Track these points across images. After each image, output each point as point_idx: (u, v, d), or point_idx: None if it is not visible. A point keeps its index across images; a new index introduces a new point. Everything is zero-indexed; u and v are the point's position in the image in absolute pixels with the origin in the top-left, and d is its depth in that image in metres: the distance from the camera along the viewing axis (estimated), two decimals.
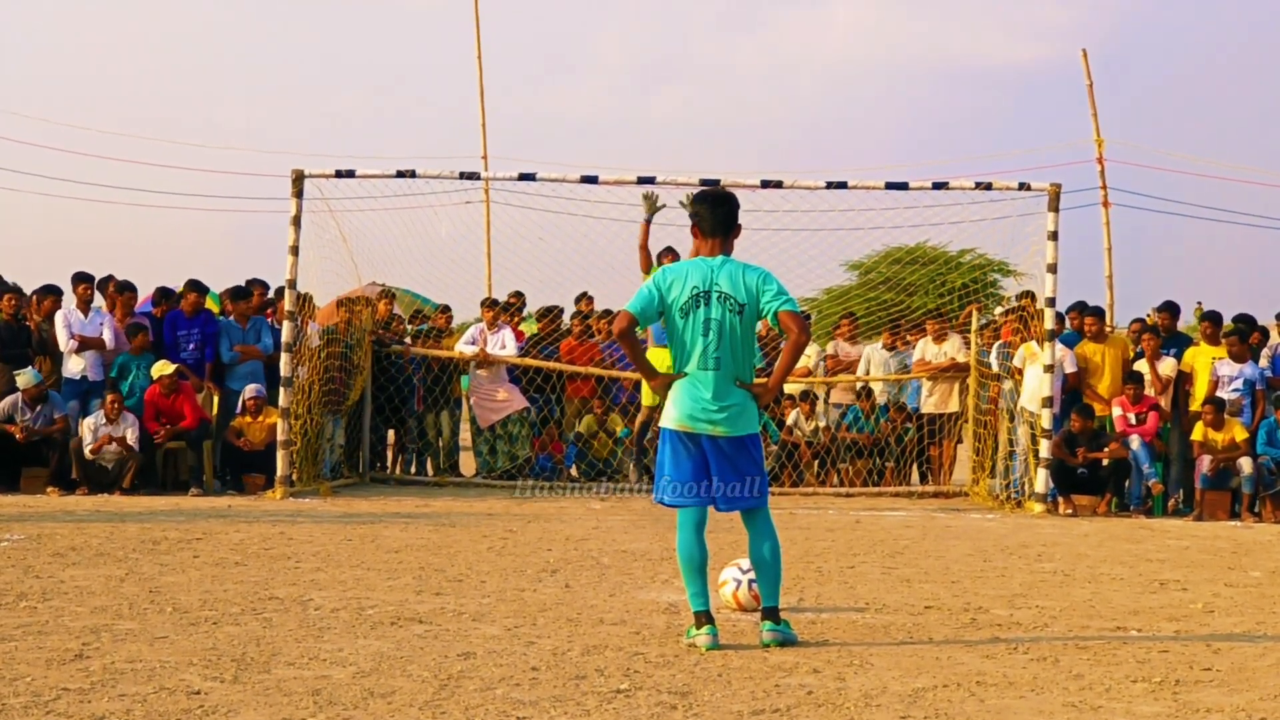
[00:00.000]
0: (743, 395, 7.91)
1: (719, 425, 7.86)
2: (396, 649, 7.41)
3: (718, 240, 8.07)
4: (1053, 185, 17.22)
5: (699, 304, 7.85)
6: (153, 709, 5.92)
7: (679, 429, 7.94)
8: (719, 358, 7.85)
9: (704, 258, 8.05)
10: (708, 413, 7.85)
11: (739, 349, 7.92)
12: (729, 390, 7.87)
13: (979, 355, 18.93)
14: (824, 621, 8.61)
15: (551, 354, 19.95)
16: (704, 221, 8.10)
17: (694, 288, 7.87)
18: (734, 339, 7.87)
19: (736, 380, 7.89)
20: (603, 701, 6.29)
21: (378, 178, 18.12)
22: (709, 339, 7.85)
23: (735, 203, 8.21)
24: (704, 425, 7.86)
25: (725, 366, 7.87)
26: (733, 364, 7.89)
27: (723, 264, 7.97)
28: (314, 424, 17.95)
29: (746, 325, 7.91)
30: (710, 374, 7.85)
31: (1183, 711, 6.33)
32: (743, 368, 7.94)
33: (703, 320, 7.85)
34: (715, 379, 7.85)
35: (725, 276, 7.90)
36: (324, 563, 10.82)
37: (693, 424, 7.89)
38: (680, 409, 7.93)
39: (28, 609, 8.42)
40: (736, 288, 7.87)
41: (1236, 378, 17.28)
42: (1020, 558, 12.18)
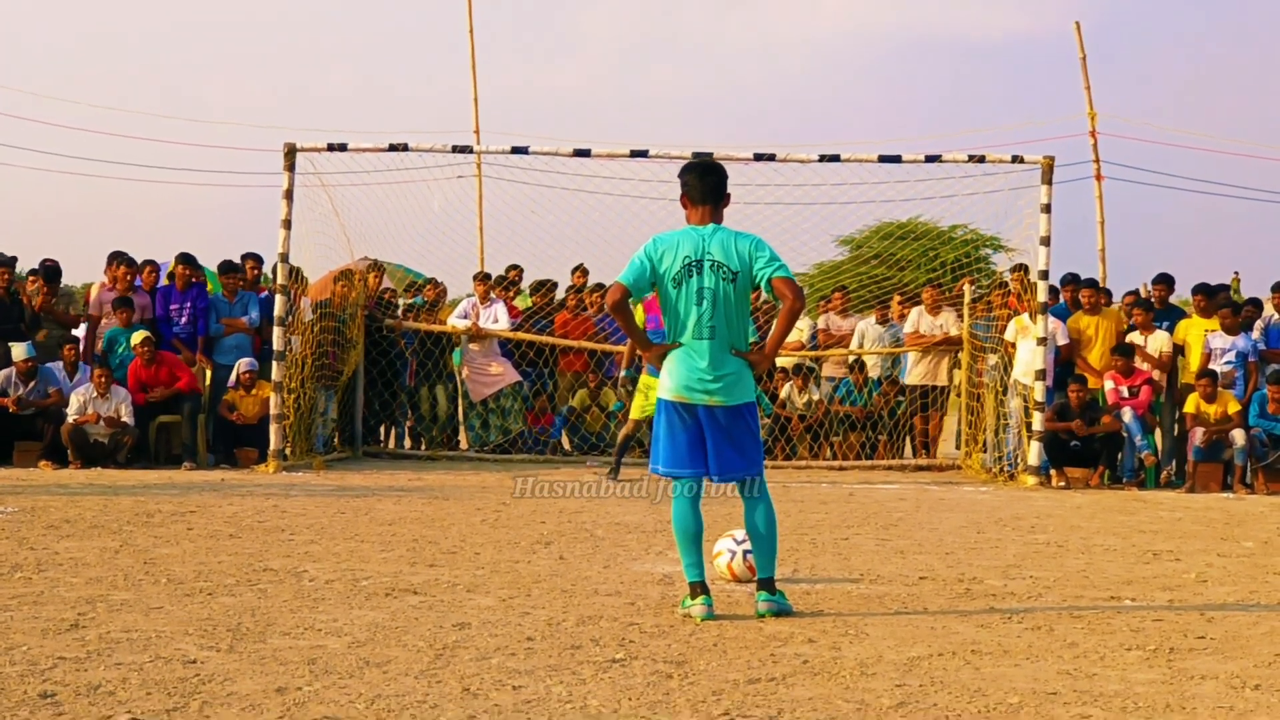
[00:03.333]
0: (739, 364, 7.84)
1: (715, 395, 7.78)
2: (391, 619, 7.40)
3: (708, 208, 7.96)
4: (1046, 158, 17.24)
5: (692, 273, 7.76)
6: (149, 677, 5.92)
7: (675, 400, 7.86)
8: (714, 326, 7.77)
9: (694, 226, 7.95)
10: (704, 382, 7.76)
11: (733, 317, 7.83)
12: (725, 359, 7.79)
13: (972, 328, 18.95)
14: (819, 592, 8.62)
15: (545, 328, 19.94)
16: (693, 190, 8.00)
17: (686, 257, 7.78)
18: (728, 307, 7.79)
19: (732, 349, 7.81)
20: (598, 671, 6.29)
21: (370, 152, 18.08)
22: (703, 308, 7.76)
23: (723, 172, 8.12)
24: (700, 395, 7.78)
25: (720, 335, 7.79)
26: (728, 333, 7.81)
27: (714, 232, 7.88)
28: (307, 398, 17.94)
29: (740, 293, 7.83)
30: (705, 343, 7.77)
31: (1177, 678, 6.34)
32: (738, 336, 7.86)
33: (696, 289, 7.75)
34: (710, 348, 7.76)
35: (717, 244, 7.81)
36: (318, 535, 10.82)
37: (689, 394, 7.80)
38: (676, 379, 7.84)
39: (23, 580, 8.41)
40: (729, 255, 7.78)
41: (1229, 350, 17.31)
42: (1013, 529, 12.19)
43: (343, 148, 17.71)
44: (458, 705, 5.57)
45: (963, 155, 17.80)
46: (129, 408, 16.89)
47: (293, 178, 17.33)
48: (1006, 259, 21.72)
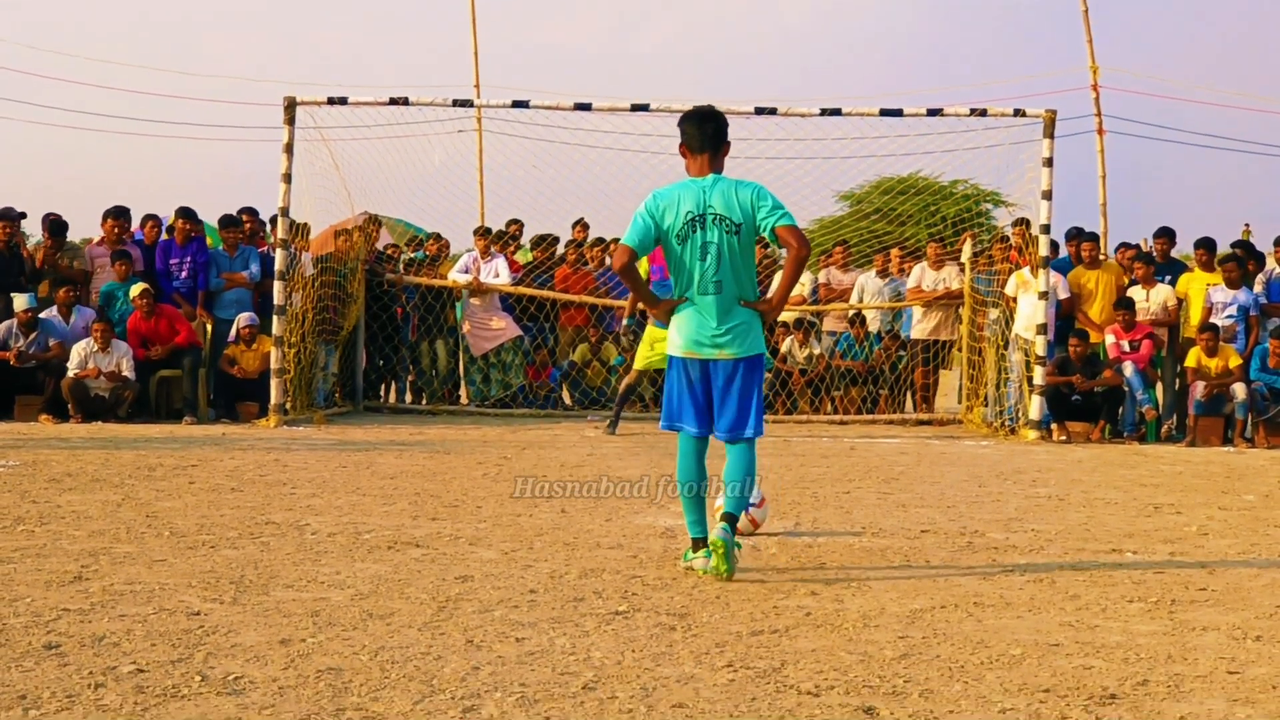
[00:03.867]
0: (747, 315, 7.72)
1: (725, 348, 7.67)
2: (394, 572, 7.41)
3: (706, 157, 7.77)
4: (1048, 111, 17.20)
5: (694, 229, 7.61)
6: (153, 629, 5.93)
7: (686, 356, 7.76)
8: (719, 281, 7.63)
9: (694, 179, 7.77)
10: (713, 337, 7.66)
11: (739, 270, 7.69)
12: (732, 312, 7.67)
13: (973, 283, 18.93)
14: (820, 545, 8.63)
15: (546, 283, 19.91)
16: (691, 139, 7.82)
17: (688, 212, 7.62)
18: (733, 260, 7.64)
19: (739, 300, 7.69)
20: (601, 623, 6.30)
21: (370, 105, 18.04)
22: (707, 263, 7.62)
23: (723, 119, 7.94)
24: (709, 350, 7.68)
25: (727, 289, 7.65)
26: (734, 286, 7.67)
27: (714, 183, 7.70)
28: (308, 352, 17.94)
29: (745, 245, 7.67)
30: (712, 298, 7.64)
31: (1179, 630, 6.36)
32: (745, 288, 7.73)
33: (700, 245, 7.61)
34: (717, 302, 7.64)
35: (718, 196, 7.65)
36: (319, 489, 10.83)
37: (698, 349, 7.70)
38: (685, 336, 7.74)
39: (25, 533, 8.42)
40: (730, 207, 7.62)
41: (1230, 304, 17.29)
42: (1015, 483, 12.20)
43: (343, 101, 17.66)
44: (461, 657, 5.58)
45: (964, 109, 17.75)
46: (130, 362, 16.88)
47: (293, 131, 17.30)
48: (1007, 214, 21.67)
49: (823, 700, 5.03)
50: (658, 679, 5.29)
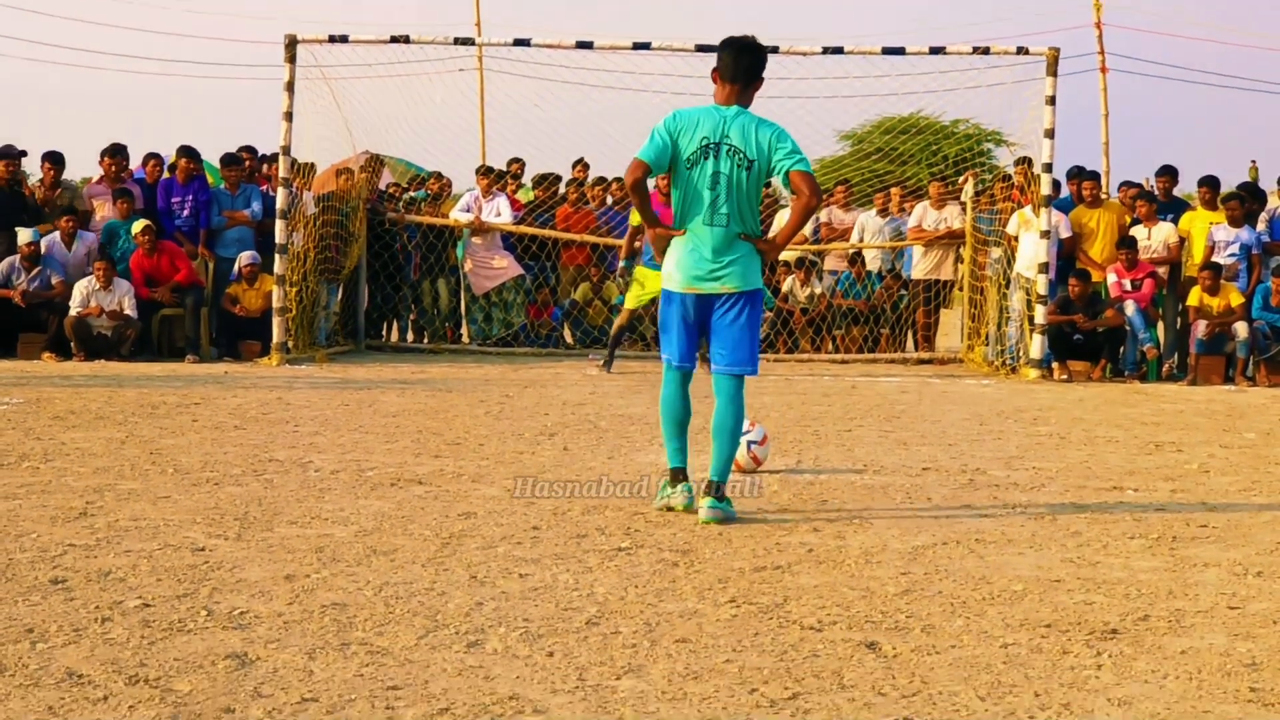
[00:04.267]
0: (747, 249, 7.50)
1: (724, 280, 7.45)
2: (397, 509, 7.44)
3: (735, 88, 7.56)
4: (1051, 49, 17.12)
5: (707, 156, 7.40)
6: (159, 564, 5.96)
7: (683, 290, 7.54)
8: (726, 214, 7.42)
9: (717, 105, 7.57)
10: (712, 271, 7.44)
11: (745, 206, 7.48)
12: (733, 244, 7.45)
13: (975, 222, 18.91)
14: (822, 483, 8.65)
15: (547, 222, 19.89)
16: (725, 67, 7.59)
17: (704, 138, 7.41)
18: (741, 195, 7.43)
19: (741, 235, 7.48)
20: (604, 559, 6.33)
21: (371, 44, 18.00)
22: (716, 193, 7.40)
23: (762, 54, 7.76)
24: (708, 283, 7.46)
25: (731, 223, 7.43)
26: (739, 221, 7.45)
27: (736, 115, 7.49)
28: (310, 291, 17.94)
29: (754, 182, 7.45)
30: (714, 230, 7.43)
31: (1180, 566, 6.39)
32: (749, 225, 7.51)
33: (710, 174, 7.40)
34: (719, 235, 7.42)
35: (737, 129, 7.43)
36: (322, 427, 10.85)
37: (697, 283, 7.49)
38: (683, 269, 7.53)
39: (30, 469, 8.45)
40: (748, 142, 7.40)
41: (1233, 243, 17.26)
42: (1016, 421, 12.23)
43: (344, 39, 17.63)
44: (465, 592, 5.61)
45: (966, 47, 17.69)
46: (132, 300, 16.89)
47: (294, 70, 17.27)
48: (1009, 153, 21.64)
49: (825, 635, 5.06)
50: (661, 614, 5.32)
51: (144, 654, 4.64)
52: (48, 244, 17.30)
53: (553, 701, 4.27)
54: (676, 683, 4.47)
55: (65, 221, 17.47)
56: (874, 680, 4.53)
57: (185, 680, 4.37)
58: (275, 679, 4.41)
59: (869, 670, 4.64)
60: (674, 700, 4.30)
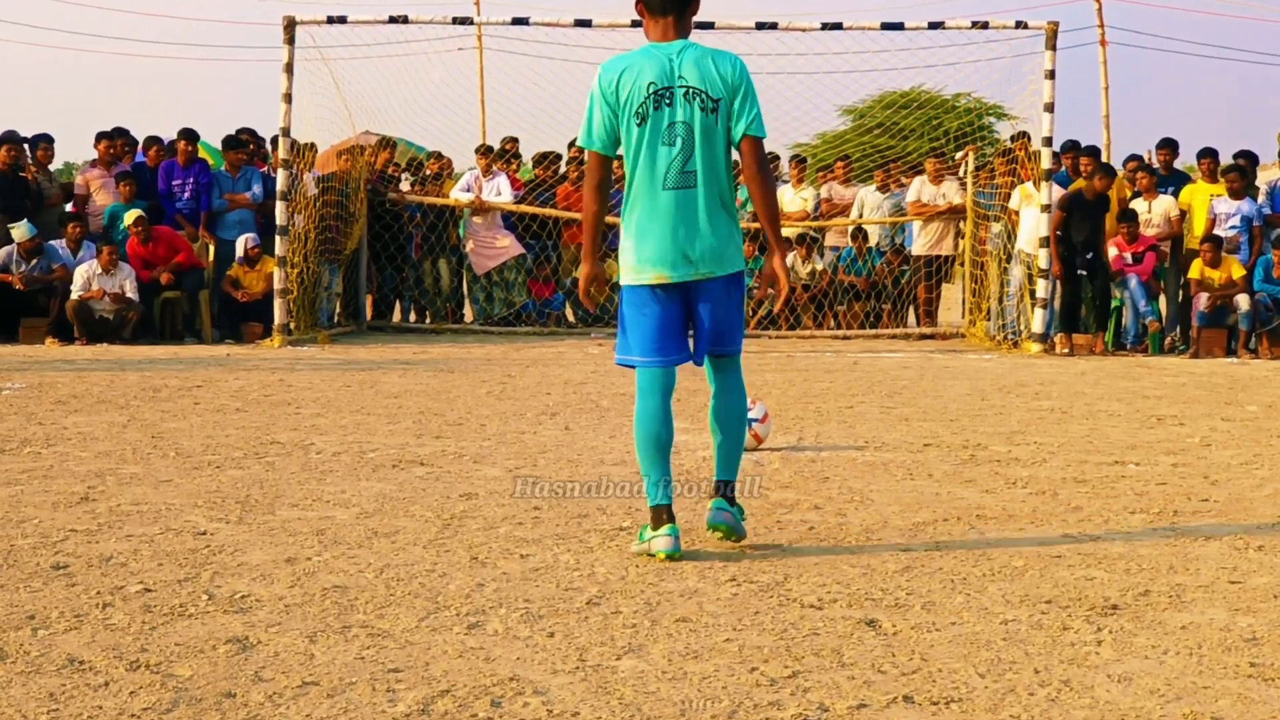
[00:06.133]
0: (726, 221, 6.00)
1: (703, 265, 5.96)
2: (399, 490, 7.44)
3: (670, 20, 6.05)
4: (1050, 23, 17.14)
5: (660, 105, 5.90)
6: (160, 549, 5.97)
7: (651, 283, 6.00)
8: (691, 172, 5.92)
9: (656, 43, 6.05)
10: (685, 254, 5.92)
11: (716, 159, 5.97)
12: (708, 214, 5.95)
13: (975, 196, 18.90)
14: (824, 459, 8.65)
15: (548, 200, 19.88)
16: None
17: (650, 84, 5.91)
18: (709, 146, 5.93)
19: (719, 201, 6.00)
20: (605, 539, 6.33)
21: (370, 24, 18.00)
22: (675, 149, 5.91)
23: None
24: (684, 270, 5.93)
25: (702, 184, 5.93)
26: (711, 179, 5.96)
27: (683, 50, 5.97)
28: (311, 273, 17.94)
29: (723, 128, 5.96)
30: (681, 195, 5.92)
31: (1181, 540, 6.38)
32: (723, 183, 6.01)
33: (666, 125, 5.91)
34: (689, 202, 5.92)
35: (690, 65, 5.93)
36: (324, 408, 10.85)
37: (670, 272, 5.95)
38: (647, 254, 5.98)
39: (31, 454, 8.45)
40: (708, 79, 5.91)
41: (1234, 215, 17.26)
42: (1018, 396, 12.23)
43: (342, 20, 17.63)
44: (466, 574, 5.61)
45: (966, 21, 17.70)
46: (133, 284, 16.90)
47: (292, 51, 17.28)
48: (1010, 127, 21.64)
49: (825, 613, 5.07)
50: (661, 594, 5.32)
51: (145, 639, 4.64)
52: (54, 244, 17.30)
53: (553, 682, 4.27)
54: (677, 662, 4.47)
55: (72, 228, 17.49)
56: (874, 658, 4.53)
57: (186, 665, 4.38)
58: (276, 663, 4.42)
59: (869, 648, 4.64)
60: (674, 680, 4.30)
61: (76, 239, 17.43)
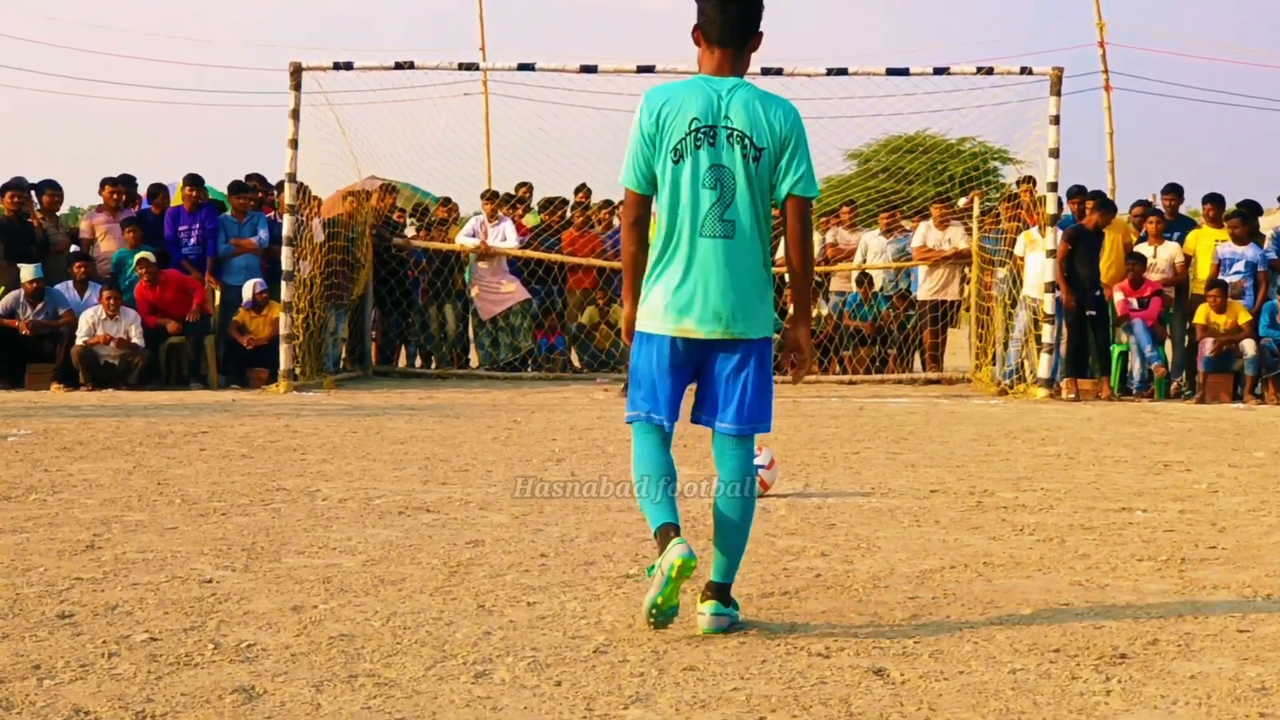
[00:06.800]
0: (759, 280, 5.53)
1: (731, 325, 5.47)
2: (405, 537, 7.43)
3: (728, 54, 5.57)
4: (1054, 69, 17.16)
5: (700, 144, 5.44)
6: (166, 597, 5.95)
7: (671, 333, 5.53)
8: (730, 222, 5.46)
9: (706, 76, 5.58)
10: (715, 309, 5.45)
11: (757, 211, 5.50)
12: (745, 271, 5.49)
13: (981, 241, 18.92)
14: (830, 506, 8.64)
15: (553, 245, 19.91)
16: (709, 23, 5.58)
17: (693, 120, 5.45)
18: (751, 196, 5.46)
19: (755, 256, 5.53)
20: (612, 586, 6.32)
21: (376, 70, 18.05)
22: (716, 193, 5.45)
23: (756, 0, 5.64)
24: (709, 325, 5.47)
25: (739, 235, 5.48)
26: (750, 232, 5.49)
27: (734, 89, 5.51)
28: (317, 318, 17.96)
29: (765, 179, 5.49)
30: (716, 245, 5.46)
31: (1189, 589, 6.37)
32: (762, 238, 5.55)
33: (706, 167, 5.45)
34: (723, 252, 5.46)
35: (739, 106, 5.48)
36: (330, 454, 10.85)
37: (691, 322, 5.47)
38: (673, 304, 5.51)
39: (37, 501, 8.45)
40: (755, 124, 5.46)
41: (1238, 260, 17.28)
42: (1024, 442, 12.21)
43: (349, 66, 17.67)
44: (472, 621, 5.60)
45: (971, 67, 17.76)
46: (139, 329, 16.91)
47: (299, 97, 17.32)
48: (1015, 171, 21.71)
49: (833, 662, 5.05)
50: (668, 642, 5.31)
51: (151, 689, 4.63)
52: (60, 288, 17.33)
53: None
54: (684, 711, 4.46)
55: (78, 268, 17.52)
56: (882, 707, 4.51)
57: (192, 715, 4.37)
58: (282, 712, 4.41)
59: (877, 697, 4.63)
60: None
61: (83, 280, 17.46)
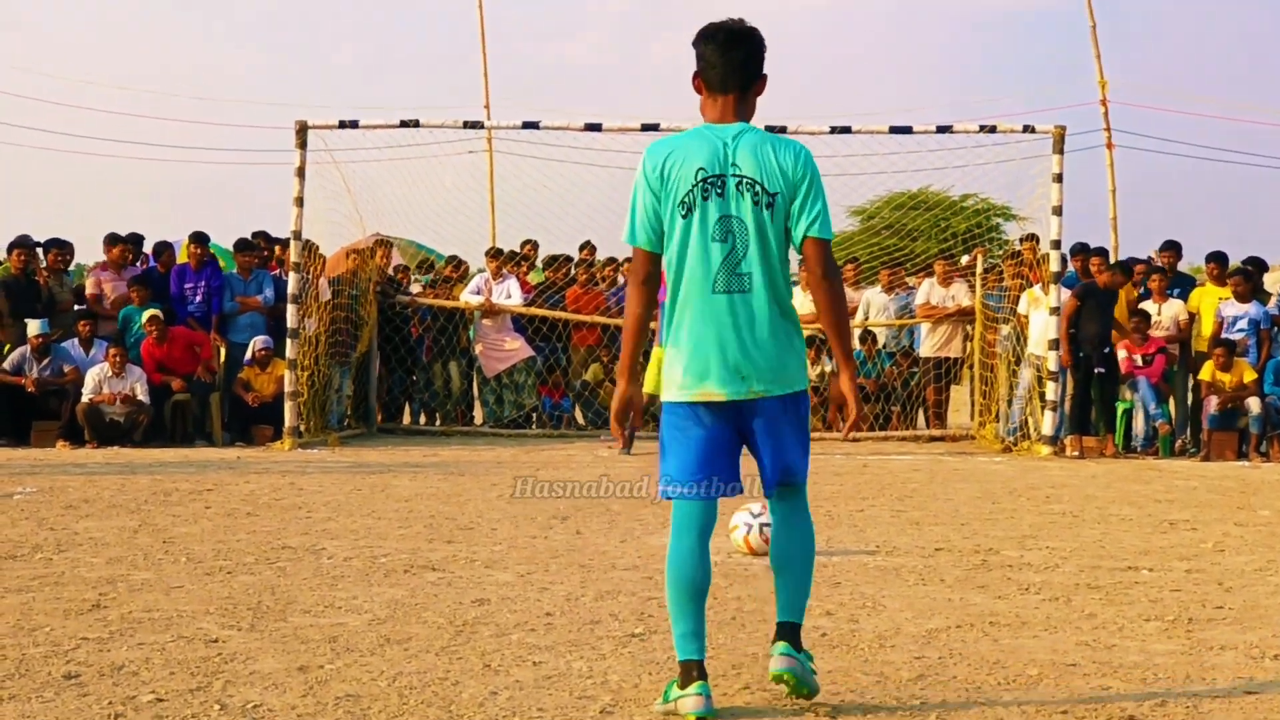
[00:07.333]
0: (786, 331, 5.30)
1: (759, 381, 5.24)
2: (411, 596, 7.43)
3: (731, 99, 5.37)
4: (1057, 127, 17.21)
5: (709, 195, 5.23)
6: (171, 657, 5.95)
7: (698, 400, 5.28)
8: (747, 275, 5.23)
9: (711, 125, 5.38)
10: (737, 366, 5.22)
11: (773, 260, 5.28)
12: (769, 323, 5.25)
13: (984, 299, 18.95)
14: (835, 564, 8.63)
15: (558, 303, 19.94)
16: (711, 68, 5.38)
17: (699, 170, 5.24)
18: (765, 245, 5.24)
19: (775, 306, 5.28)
20: (618, 645, 6.32)
21: (381, 128, 18.13)
22: (728, 246, 5.23)
23: (758, 41, 5.42)
24: (735, 387, 5.23)
25: (758, 288, 5.24)
26: (767, 283, 5.25)
27: (740, 135, 5.31)
28: (321, 375, 17.97)
29: (780, 225, 5.30)
30: (732, 299, 5.23)
31: (1196, 649, 6.36)
32: (780, 288, 5.30)
33: (716, 219, 5.23)
34: (741, 308, 5.23)
35: (747, 152, 5.27)
36: (335, 512, 10.84)
37: (719, 388, 5.23)
38: (692, 369, 5.26)
39: (43, 560, 8.44)
40: (765, 169, 5.25)
41: (1241, 318, 17.30)
42: (1029, 499, 12.20)
43: (354, 125, 17.76)
44: (479, 681, 5.60)
45: (974, 125, 17.79)
46: (144, 386, 16.93)
47: (304, 155, 17.38)
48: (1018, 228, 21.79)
49: None
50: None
51: None
52: (66, 346, 17.37)
53: None
54: None
55: (84, 326, 17.57)
56: None
57: None
58: None
59: None
60: None
61: (88, 337, 17.49)
